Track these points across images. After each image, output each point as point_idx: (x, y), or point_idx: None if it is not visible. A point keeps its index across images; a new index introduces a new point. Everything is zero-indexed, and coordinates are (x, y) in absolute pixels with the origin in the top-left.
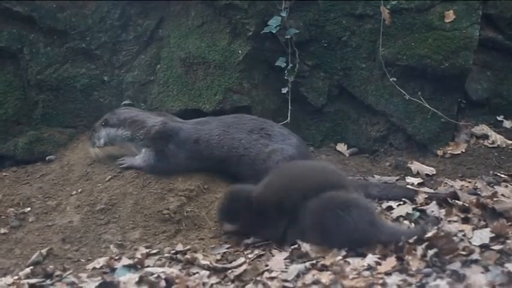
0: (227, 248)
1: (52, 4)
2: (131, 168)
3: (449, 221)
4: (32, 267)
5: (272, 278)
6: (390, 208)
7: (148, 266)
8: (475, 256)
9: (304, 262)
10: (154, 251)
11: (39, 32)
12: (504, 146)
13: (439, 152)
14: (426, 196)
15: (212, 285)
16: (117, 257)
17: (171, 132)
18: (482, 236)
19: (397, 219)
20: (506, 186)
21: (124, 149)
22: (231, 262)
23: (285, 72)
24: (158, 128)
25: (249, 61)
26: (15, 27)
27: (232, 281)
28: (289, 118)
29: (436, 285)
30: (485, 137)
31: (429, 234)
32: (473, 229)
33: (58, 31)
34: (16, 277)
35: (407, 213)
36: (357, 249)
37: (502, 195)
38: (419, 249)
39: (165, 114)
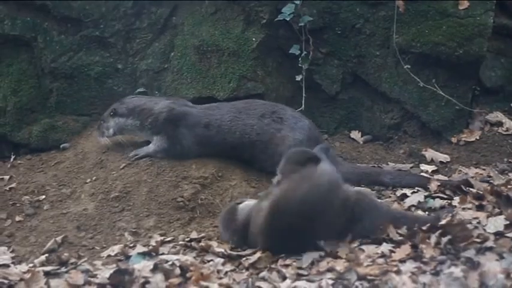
0: None
1: None
2: (147, 157)
3: (463, 209)
4: (46, 254)
5: (286, 266)
6: (404, 196)
7: (162, 254)
8: (489, 243)
9: (319, 250)
10: (168, 239)
11: (53, 20)
12: None
13: (453, 140)
14: (439, 184)
15: (227, 272)
16: (131, 245)
17: (178, 117)
18: (497, 223)
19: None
20: None
21: (137, 137)
22: (245, 249)
23: (299, 59)
24: (165, 114)
25: (263, 49)
26: (29, 15)
27: (247, 269)
28: (303, 106)
29: (450, 273)
30: (500, 124)
31: (443, 222)
32: (488, 216)
33: (72, 19)
34: (31, 265)
35: (419, 202)
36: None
37: None
38: (434, 237)
39: (176, 98)
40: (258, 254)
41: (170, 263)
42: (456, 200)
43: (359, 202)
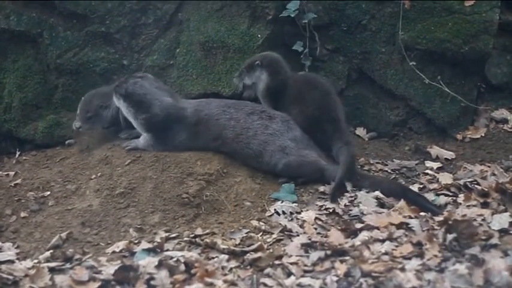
0: (246, 232)
1: None
2: (135, 149)
3: (468, 206)
4: (51, 250)
5: (292, 263)
6: None
7: (167, 250)
8: (494, 241)
9: (325, 248)
10: (173, 235)
11: (58, 16)
12: None
13: (459, 136)
14: None
15: (231, 269)
16: (136, 241)
17: (174, 116)
18: (502, 220)
19: None
20: None
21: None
22: (249, 246)
23: (301, 56)
24: (162, 114)
25: (269, 45)
26: (35, 11)
27: (251, 265)
28: None
29: (455, 270)
30: (505, 121)
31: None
32: (493, 214)
33: (78, 15)
34: (36, 261)
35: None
36: None
37: None
38: (439, 234)
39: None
40: (262, 251)
41: (175, 259)
42: (461, 197)
43: None
